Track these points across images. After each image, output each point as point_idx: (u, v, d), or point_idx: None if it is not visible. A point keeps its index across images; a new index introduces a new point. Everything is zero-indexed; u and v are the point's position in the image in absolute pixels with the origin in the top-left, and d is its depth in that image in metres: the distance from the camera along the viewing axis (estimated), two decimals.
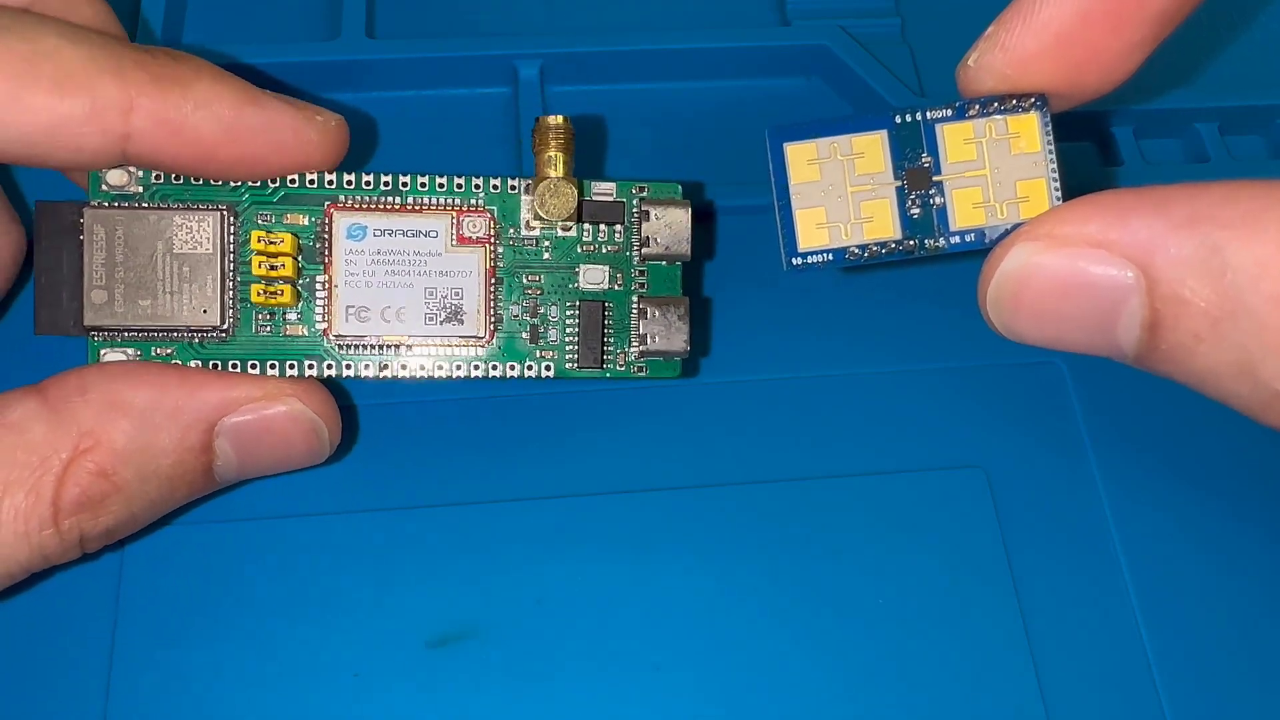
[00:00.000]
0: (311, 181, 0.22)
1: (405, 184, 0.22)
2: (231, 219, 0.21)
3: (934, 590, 0.22)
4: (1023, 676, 0.22)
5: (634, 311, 0.22)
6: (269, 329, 0.21)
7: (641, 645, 0.22)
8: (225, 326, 0.21)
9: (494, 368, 0.22)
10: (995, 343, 0.25)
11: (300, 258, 0.21)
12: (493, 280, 0.22)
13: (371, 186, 0.22)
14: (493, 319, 0.22)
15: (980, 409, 0.25)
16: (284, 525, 0.23)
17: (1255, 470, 0.24)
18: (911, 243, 0.21)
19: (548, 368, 0.22)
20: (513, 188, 0.22)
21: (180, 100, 0.20)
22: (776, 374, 0.25)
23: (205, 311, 0.21)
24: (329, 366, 0.22)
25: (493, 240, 0.22)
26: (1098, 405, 0.25)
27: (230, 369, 0.21)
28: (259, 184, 0.21)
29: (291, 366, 0.21)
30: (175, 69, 0.20)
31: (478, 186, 0.22)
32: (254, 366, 0.21)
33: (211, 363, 0.21)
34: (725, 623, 0.22)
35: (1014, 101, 0.20)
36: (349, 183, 0.22)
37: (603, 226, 0.22)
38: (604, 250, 0.22)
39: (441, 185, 0.22)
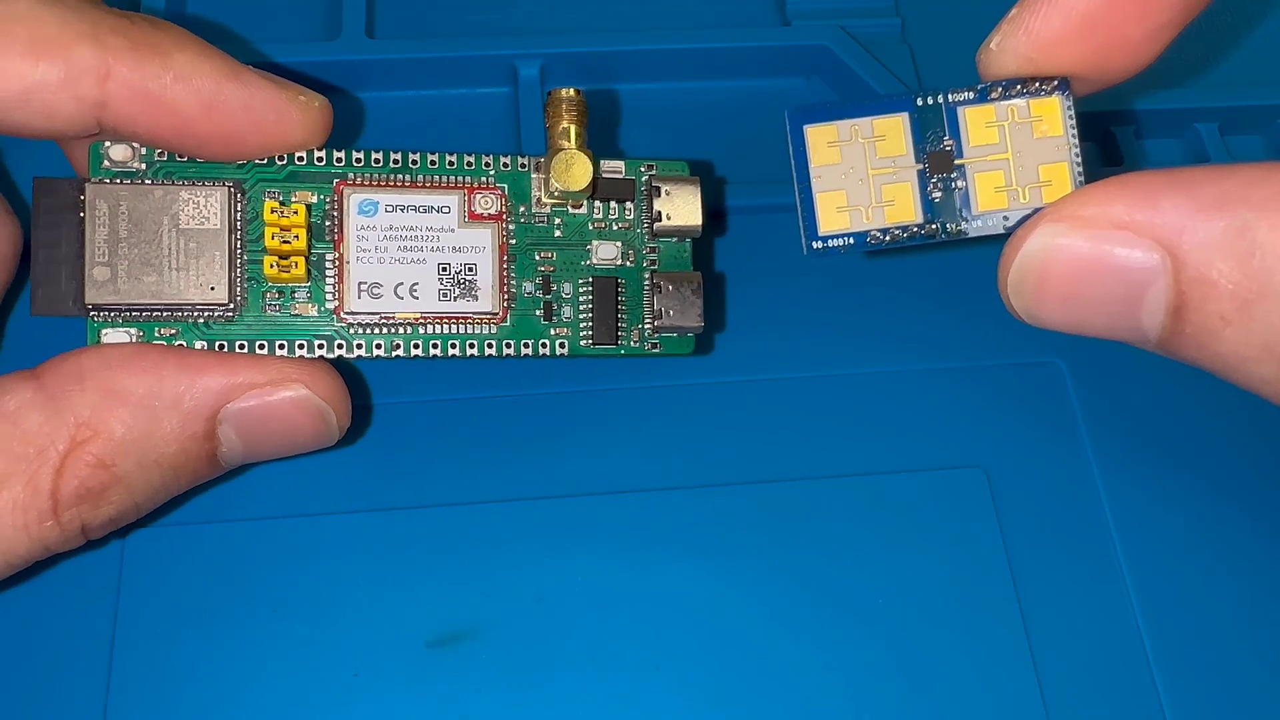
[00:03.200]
0: (319, 159, 0.21)
1: (415, 162, 0.22)
2: (239, 195, 0.21)
3: (934, 590, 0.22)
4: (1023, 676, 0.22)
5: (647, 287, 0.22)
6: (277, 308, 0.21)
7: (641, 645, 0.22)
8: (232, 305, 0.21)
9: (508, 346, 0.22)
10: (995, 343, 0.25)
11: (309, 235, 0.21)
12: (505, 257, 0.22)
13: (381, 164, 0.21)
14: (506, 295, 0.22)
15: (980, 409, 0.25)
16: (284, 525, 0.22)
17: (1255, 470, 0.24)
18: (933, 226, 0.20)
19: (562, 345, 0.22)
20: (522, 166, 0.22)
21: (159, 70, 0.19)
22: (777, 374, 0.25)
23: (213, 289, 0.20)
24: (339, 346, 0.21)
25: (504, 217, 0.22)
26: (1098, 405, 0.25)
27: (237, 349, 0.21)
28: (265, 161, 0.21)
29: (301, 346, 0.21)
30: (156, 37, 0.19)
31: (487, 165, 0.22)
32: (261, 347, 0.21)
33: (217, 344, 0.21)
34: (725, 623, 0.22)
35: (1036, 85, 0.20)
36: (358, 160, 0.21)
37: (613, 204, 0.22)
38: (614, 228, 0.22)
39: (451, 163, 0.22)
